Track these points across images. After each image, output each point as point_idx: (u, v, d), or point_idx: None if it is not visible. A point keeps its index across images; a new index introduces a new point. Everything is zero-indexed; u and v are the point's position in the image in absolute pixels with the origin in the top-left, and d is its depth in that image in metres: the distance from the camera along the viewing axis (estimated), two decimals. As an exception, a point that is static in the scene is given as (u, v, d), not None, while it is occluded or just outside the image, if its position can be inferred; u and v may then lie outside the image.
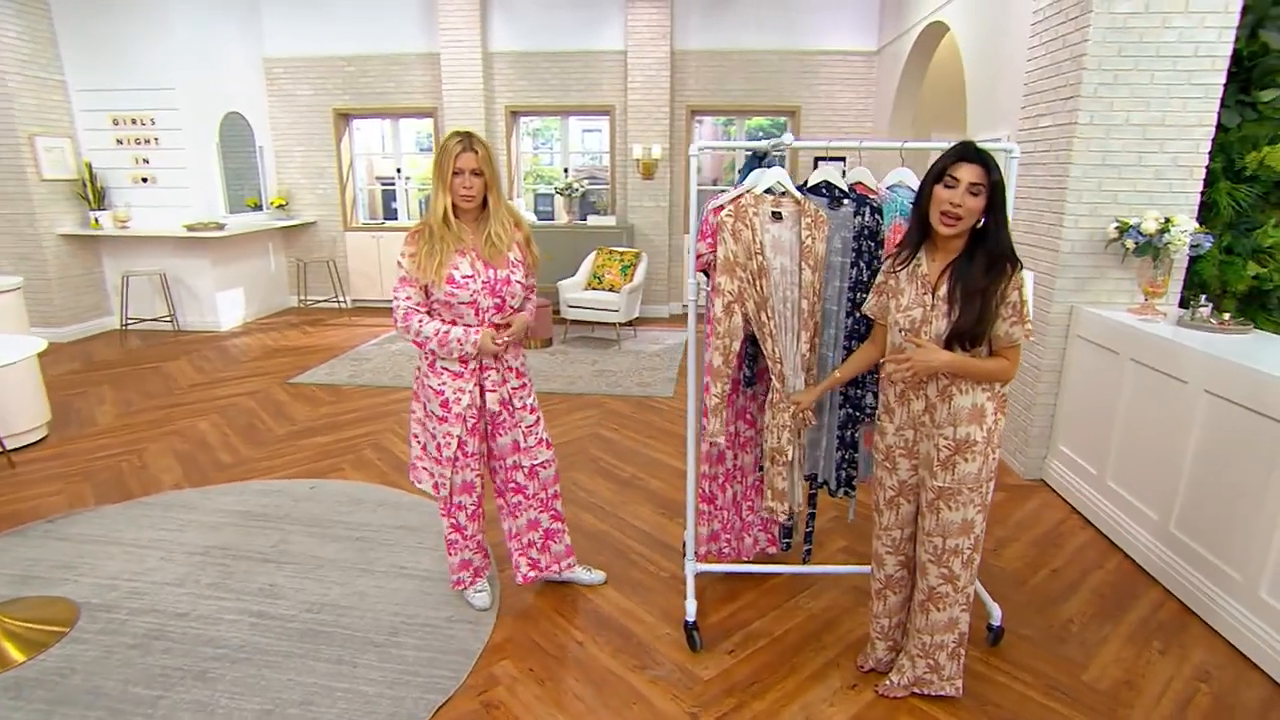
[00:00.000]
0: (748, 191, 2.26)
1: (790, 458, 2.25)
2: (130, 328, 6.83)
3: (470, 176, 2.17)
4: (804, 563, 2.65)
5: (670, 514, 3.27)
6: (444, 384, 2.29)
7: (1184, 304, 3.37)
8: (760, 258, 2.17)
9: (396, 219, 8.43)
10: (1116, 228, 3.11)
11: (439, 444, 2.34)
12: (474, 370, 2.29)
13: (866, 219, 2.23)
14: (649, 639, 2.39)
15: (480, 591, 2.55)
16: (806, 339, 2.21)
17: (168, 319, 6.82)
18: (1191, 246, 2.99)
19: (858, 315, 2.28)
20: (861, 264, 2.26)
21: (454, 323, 2.24)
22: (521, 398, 2.41)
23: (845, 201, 2.27)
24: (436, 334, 2.18)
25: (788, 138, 2.03)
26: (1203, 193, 3.32)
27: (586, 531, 3.06)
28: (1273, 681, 2.21)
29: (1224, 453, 2.48)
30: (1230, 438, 2.45)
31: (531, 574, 2.58)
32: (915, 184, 2.25)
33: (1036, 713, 2.06)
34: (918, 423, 1.91)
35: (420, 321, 2.20)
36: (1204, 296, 2.98)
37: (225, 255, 6.99)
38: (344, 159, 7.95)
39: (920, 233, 1.87)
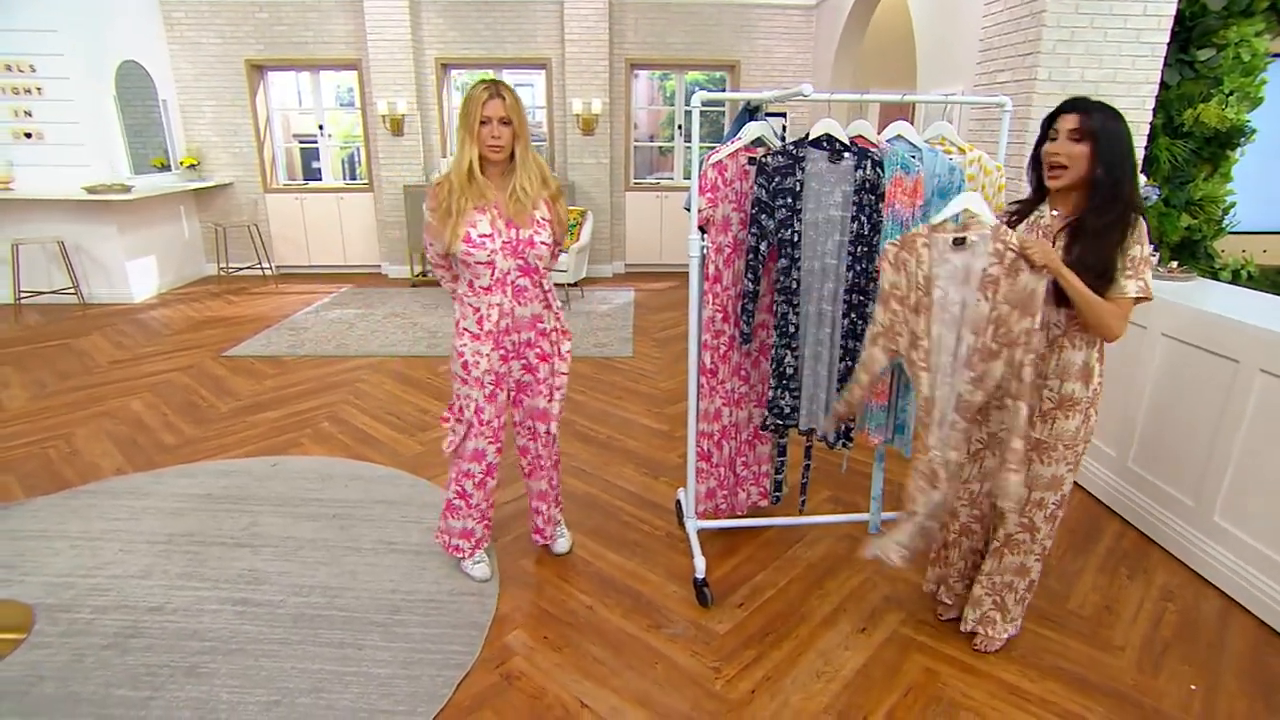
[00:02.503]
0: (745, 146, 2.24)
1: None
2: (25, 302, 6.19)
3: (498, 125, 2.04)
4: (800, 512, 2.71)
5: (654, 473, 3.26)
6: (464, 345, 2.20)
7: (1128, 253, 3.57)
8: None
9: (320, 179, 7.93)
10: (1074, 181, 3.24)
11: (460, 405, 2.27)
12: (489, 332, 2.18)
13: (867, 172, 2.22)
14: (658, 598, 2.39)
15: (479, 563, 2.48)
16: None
17: (71, 291, 6.21)
18: (1143, 199, 3.15)
19: (858, 269, 2.30)
20: (862, 218, 2.27)
21: (470, 284, 2.16)
22: (564, 364, 2.35)
23: (846, 155, 2.25)
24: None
25: (806, 88, 1.99)
26: (1145, 148, 3.50)
27: (575, 495, 3.02)
28: (1226, 596, 2.43)
29: (1179, 391, 2.66)
30: (1185, 376, 2.64)
31: (541, 539, 2.61)
32: (914, 138, 2.27)
33: (1033, 640, 2.19)
34: None
35: (443, 280, 2.33)
36: (1152, 246, 3.15)
37: (134, 220, 6.39)
38: (260, 115, 7.37)
39: (1038, 194, 1.89)
